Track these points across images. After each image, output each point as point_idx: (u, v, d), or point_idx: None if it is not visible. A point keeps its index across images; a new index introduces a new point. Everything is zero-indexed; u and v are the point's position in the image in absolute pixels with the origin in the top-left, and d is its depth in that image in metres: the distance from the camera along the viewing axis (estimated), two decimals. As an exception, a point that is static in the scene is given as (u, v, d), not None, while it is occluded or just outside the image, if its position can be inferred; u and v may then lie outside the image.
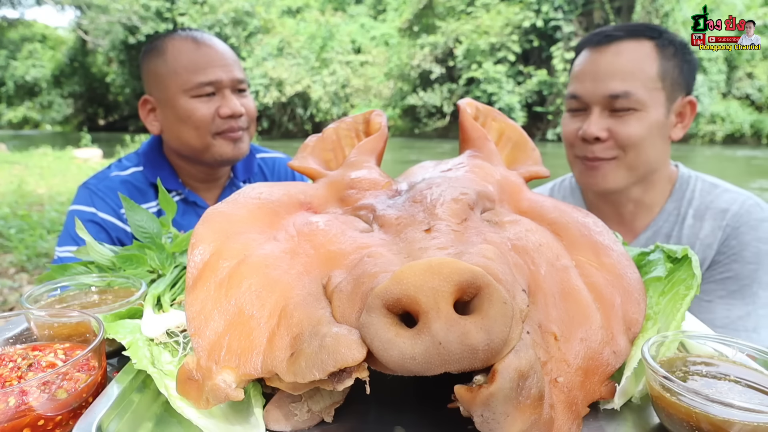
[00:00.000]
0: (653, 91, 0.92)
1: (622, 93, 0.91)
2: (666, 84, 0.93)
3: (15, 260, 3.20)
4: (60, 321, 0.47)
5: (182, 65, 1.05)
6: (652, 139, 0.93)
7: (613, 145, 0.94)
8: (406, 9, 19.27)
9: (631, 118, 0.92)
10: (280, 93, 18.86)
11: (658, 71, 0.92)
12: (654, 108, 0.92)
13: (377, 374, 0.34)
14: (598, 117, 0.94)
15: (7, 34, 22.82)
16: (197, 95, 1.05)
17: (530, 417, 0.31)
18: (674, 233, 0.99)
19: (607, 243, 0.47)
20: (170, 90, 1.05)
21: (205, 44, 1.07)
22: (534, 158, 0.62)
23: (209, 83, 1.05)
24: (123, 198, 0.64)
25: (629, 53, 0.93)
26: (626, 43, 0.93)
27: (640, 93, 0.91)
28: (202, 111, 1.05)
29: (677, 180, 1.02)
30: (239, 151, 1.10)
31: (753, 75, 14.43)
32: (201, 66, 1.04)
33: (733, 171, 8.91)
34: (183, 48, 1.06)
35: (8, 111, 25.12)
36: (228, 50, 1.10)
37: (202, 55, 1.05)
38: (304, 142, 0.61)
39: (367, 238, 0.43)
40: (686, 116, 0.97)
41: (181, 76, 1.04)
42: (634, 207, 1.02)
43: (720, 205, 0.96)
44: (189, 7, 19.25)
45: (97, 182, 1.09)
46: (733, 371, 0.41)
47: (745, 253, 0.91)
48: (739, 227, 0.93)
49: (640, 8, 14.16)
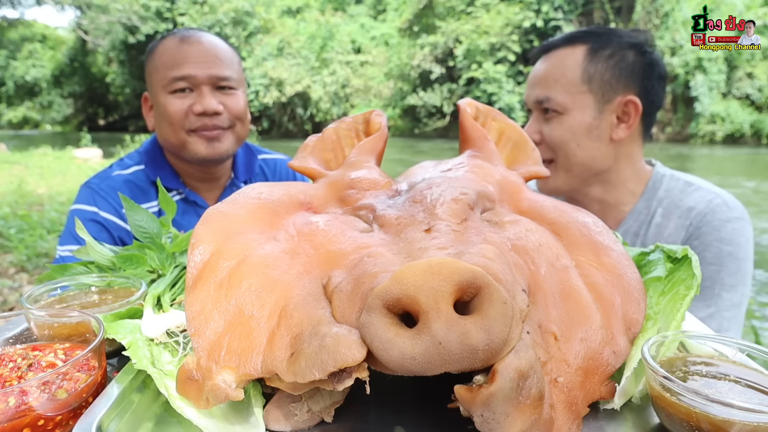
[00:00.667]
0: (576, 95, 0.96)
1: (544, 98, 0.98)
2: (594, 86, 0.96)
3: (15, 260, 3.20)
4: (60, 321, 0.47)
5: (162, 62, 1.06)
6: (579, 140, 0.97)
7: (546, 147, 0.99)
8: (406, 9, 19.28)
9: (555, 121, 0.97)
10: (280, 93, 18.87)
11: (582, 75, 0.96)
12: (578, 110, 0.96)
13: (377, 374, 0.34)
14: (534, 121, 1.01)
15: (7, 34, 22.82)
16: (173, 91, 1.05)
17: (530, 417, 0.31)
18: (641, 232, 0.99)
19: (607, 243, 0.47)
20: (154, 87, 1.07)
21: (188, 41, 1.06)
22: (534, 158, 0.62)
23: (182, 78, 1.04)
24: (123, 198, 0.64)
25: (555, 60, 0.99)
26: (561, 50, 0.99)
27: (560, 97, 0.96)
28: (175, 106, 1.05)
29: (650, 179, 1.02)
30: (215, 150, 1.08)
31: (753, 75, 14.43)
32: (177, 62, 1.05)
33: (733, 171, 8.91)
34: (168, 45, 1.07)
35: (8, 111, 25.13)
36: (217, 47, 1.09)
37: (181, 51, 1.05)
38: (304, 142, 0.61)
39: (367, 238, 0.43)
40: (630, 116, 0.97)
41: (160, 73, 1.06)
42: (600, 206, 1.03)
43: (687, 204, 0.96)
44: (189, 7, 19.26)
45: (98, 181, 1.09)
46: (733, 371, 0.41)
47: (706, 254, 0.91)
48: (702, 227, 0.93)
49: (640, 8, 14.17)
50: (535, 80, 1.01)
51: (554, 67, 0.98)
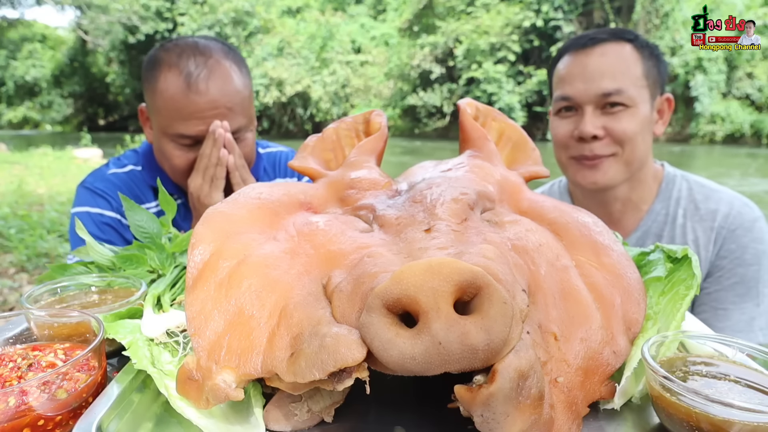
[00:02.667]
0: (640, 89, 0.96)
1: (615, 90, 0.94)
2: (649, 82, 0.97)
3: (15, 260, 3.20)
4: (60, 321, 0.47)
5: (166, 107, 0.96)
6: (644, 134, 0.97)
7: (610, 141, 0.97)
8: (406, 9, 19.28)
9: (624, 114, 0.95)
10: (280, 93, 18.87)
11: (642, 70, 0.96)
12: (642, 104, 0.96)
13: (377, 374, 0.34)
14: (592, 116, 0.96)
15: (7, 34, 22.83)
16: (177, 142, 0.98)
17: (530, 417, 0.31)
18: (665, 234, 1.00)
19: (607, 243, 0.47)
20: (155, 121, 1.00)
21: (196, 88, 0.95)
22: (534, 158, 0.62)
23: (188, 136, 0.97)
24: (123, 198, 0.64)
25: (615, 53, 0.96)
26: (609, 44, 0.97)
27: (631, 90, 0.95)
28: (179, 160, 0.99)
29: (663, 179, 1.03)
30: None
31: (753, 75, 14.42)
32: (184, 116, 0.95)
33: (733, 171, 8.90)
34: (172, 87, 0.95)
35: (8, 111, 25.14)
36: (227, 93, 0.98)
37: (189, 103, 0.95)
38: (304, 142, 0.61)
39: (367, 238, 0.43)
40: (665, 113, 1.00)
41: (165, 119, 0.97)
42: (622, 206, 1.04)
43: (709, 206, 0.98)
44: (189, 7, 19.27)
45: (94, 180, 1.06)
46: (733, 371, 0.41)
47: (746, 256, 0.93)
48: (735, 230, 0.95)
49: (640, 8, 14.16)
50: (593, 73, 0.95)
51: (616, 60, 0.95)
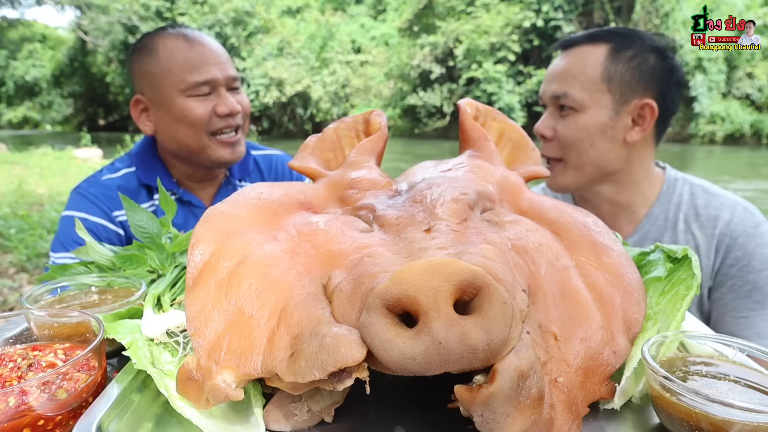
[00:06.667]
0: (594, 93, 0.95)
1: (561, 94, 0.97)
2: (613, 86, 0.95)
3: (15, 260, 3.20)
4: (60, 321, 0.47)
5: (176, 65, 1.04)
6: (593, 139, 0.96)
7: (557, 145, 0.99)
8: (406, 9, 19.26)
9: (570, 118, 0.97)
10: (280, 93, 18.86)
11: (602, 74, 0.95)
12: (594, 109, 0.96)
13: (377, 374, 0.34)
14: (548, 116, 1.01)
15: (7, 34, 22.82)
16: (193, 95, 1.04)
17: (530, 417, 0.31)
18: (665, 238, 0.99)
19: (607, 243, 0.47)
20: (165, 90, 1.05)
21: (197, 42, 1.06)
22: (534, 158, 0.62)
23: (205, 82, 1.04)
24: (123, 198, 0.64)
25: (575, 57, 0.98)
26: (582, 47, 0.98)
27: (578, 94, 0.96)
28: (199, 110, 1.04)
29: (664, 182, 1.02)
30: (237, 155, 1.10)
31: (753, 75, 14.42)
32: (196, 65, 1.04)
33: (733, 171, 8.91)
34: (176, 47, 1.05)
35: (8, 111, 25.14)
36: (220, 47, 1.10)
37: (197, 53, 1.05)
38: (304, 142, 0.61)
39: (367, 238, 0.43)
40: (645, 119, 0.97)
41: (176, 76, 1.03)
42: (611, 207, 1.03)
43: (710, 212, 0.97)
44: (189, 6, 19.26)
45: (87, 186, 1.09)
46: (733, 371, 0.41)
47: (754, 263, 0.93)
48: (738, 238, 0.94)
49: (640, 8, 14.16)
50: (553, 75, 1.00)
51: (574, 64, 0.97)
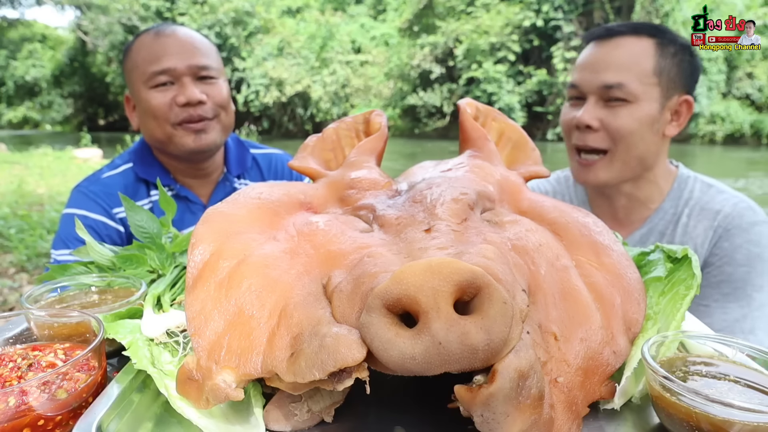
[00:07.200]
0: (647, 86, 0.94)
1: (616, 84, 0.94)
2: (662, 80, 0.95)
3: (15, 260, 3.20)
4: (60, 321, 0.47)
5: (141, 58, 1.05)
6: (643, 132, 0.95)
7: (605, 136, 0.96)
8: (406, 9, 19.26)
9: (623, 109, 0.95)
10: (280, 93, 18.86)
11: (654, 67, 0.94)
12: (647, 102, 0.94)
13: (377, 374, 0.34)
14: (593, 106, 0.97)
15: (7, 34, 22.82)
16: (154, 85, 1.04)
17: (530, 417, 0.31)
18: (668, 231, 1.00)
19: (607, 243, 0.47)
20: (135, 85, 1.07)
21: (164, 35, 1.06)
22: (534, 158, 0.62)
23: (162, 72, 1.04)
24: (123, 198, 0.64)
25: (627, 47, 0.96)
26: (627, 38, 0.96)
27: (633, 85, 0.93)
28: (158, 100, 1.04)
29: (676, 180, 1.03)
30: (202, 141, 1.07)
31: (753, 75, 14.42)
32: (156, 56, 1.04)
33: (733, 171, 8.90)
34: (144, 42, 1.07)
35: (8, 111, 25.14)
36: (193, 37, 1.09)
37: (159, 45, 1.05)
38: (304, 142, 0.61)
39: (367, 238, 0.43)
40: (682, 114, 0.98)
41: (140, 69, 1.05)
42: (627, 201, 1.03)
43: (713, 206, 0.97)
44: (189, 6, 19.27)
45: (88, 184, 1.10)
46: (733, 371, 0.41)
47: (736, 256, 0.92)
48: (730, 230, 0.94)
49: (640, 8, 14.16)
50: (600, 64, 0.96)
51: (626, 54, 0.95)
